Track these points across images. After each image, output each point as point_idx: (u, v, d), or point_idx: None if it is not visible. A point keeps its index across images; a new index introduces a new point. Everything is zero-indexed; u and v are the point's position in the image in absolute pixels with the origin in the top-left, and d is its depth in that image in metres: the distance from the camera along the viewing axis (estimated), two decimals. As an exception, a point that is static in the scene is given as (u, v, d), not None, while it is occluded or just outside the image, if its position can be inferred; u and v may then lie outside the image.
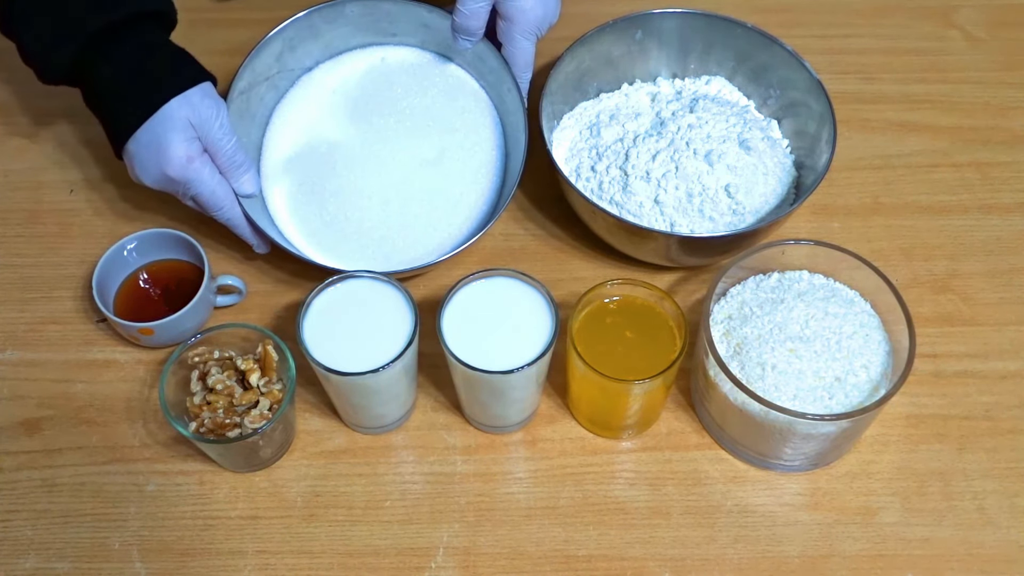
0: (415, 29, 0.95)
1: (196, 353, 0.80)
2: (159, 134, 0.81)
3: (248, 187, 0.85)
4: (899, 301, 0.78)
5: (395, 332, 0.76)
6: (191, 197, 0.84)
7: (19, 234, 0.94)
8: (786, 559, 0.77)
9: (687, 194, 0.86)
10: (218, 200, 0.84)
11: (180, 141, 0.81)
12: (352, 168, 0.91)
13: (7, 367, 0.87)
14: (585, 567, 0.77)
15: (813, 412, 0.75)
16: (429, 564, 0.77)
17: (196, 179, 0.82)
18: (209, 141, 0.83)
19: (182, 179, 0.82)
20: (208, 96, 0.83)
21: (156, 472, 0.81)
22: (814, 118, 0.90)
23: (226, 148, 0.84)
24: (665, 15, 0.95)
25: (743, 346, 0.79)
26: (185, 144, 0.81)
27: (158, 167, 0.82)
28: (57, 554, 0.78)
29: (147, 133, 0.81)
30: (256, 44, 0.91)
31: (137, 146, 0.82)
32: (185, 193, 0.84)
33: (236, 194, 0.86)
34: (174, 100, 0.81)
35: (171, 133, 0.81)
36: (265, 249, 0.89)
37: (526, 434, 0.83)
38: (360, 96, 0.94)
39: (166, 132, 0.81)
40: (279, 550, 0.78)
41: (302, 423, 0.84)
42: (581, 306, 0.78)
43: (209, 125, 0.82)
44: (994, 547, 0.77)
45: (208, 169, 0.83)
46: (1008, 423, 0.83)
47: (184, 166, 0.82)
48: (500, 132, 0.94)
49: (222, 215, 0.85)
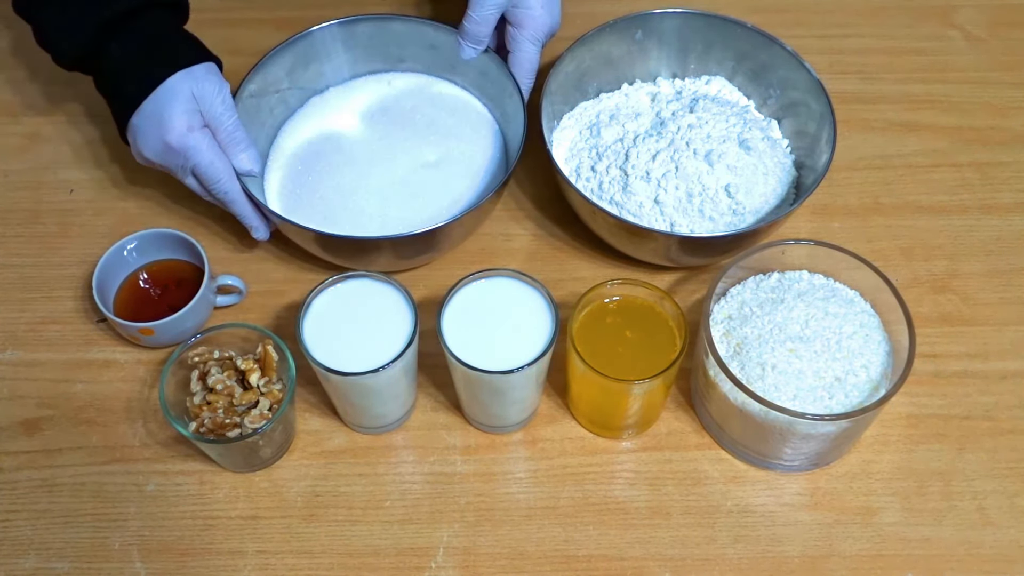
0: (422, 52, 0.97)
1: (196, 353, 0.80)
2: (161, 105, 0.83)
3: (246, 164, 0.86)
4: (899, 301, 0.78)
5: (395, 332, 0.76)
6: (191, 170, 0.85)
7: (19, 234, 0.94)
8: (786, 559, 0.77)
9: (687, 194, 0.86)
10: (216, 172, 0.85)
11: (181, 112, 0.83)
12: (353, 167, 0.92)
13: (7, 367, 0.87)
14: (585, 567, 0.77)
15: (813, 412, 0.75)
16: (429, 564, 0.77)
17: (195, 148, 0.83)
18: (211, 116, 0.84)
19: (181, 148, 0.83)
20: (212, 73, 0.85)
21: (156, 472, 0.81)
22: (814, 118, 0.90)
23: (227, 124, 0.85)
24: (665, 15, 0.95)
25: (743, 346, 0.79)
26: (186, 115, 0.83)
27: (159, 137, 0.83)
28: (57, 554, 0.78)
29: (151, 104, 0.83)
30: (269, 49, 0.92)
31: (140, 119, 0.84)
32: (184, 166, 0.85)
33: (237, 174, 0.86)
34: (178, 74, 0.83)
35: (173, 104, 0.83)
36: (264, 234, 0.89)
37: (526, 434, 0.83)
38: (367, 111, 0.97)
39: (169, 103, 0.83)
40: (279, 550, 0.78)
41: (302, 423, 0.84)
42: (581, 306, 0.78)
43: (211, 100, 0.84)
44: (994, 547, 0.77)
45: (208, 141, 0.84)
46: (1008, 423, 0.83)
47: (184, 134, 0.83)
48: (500, 141, 0.96)
49: (220, 187, 0.85)
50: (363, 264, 0.85)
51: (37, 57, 1.06)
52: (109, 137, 1.00)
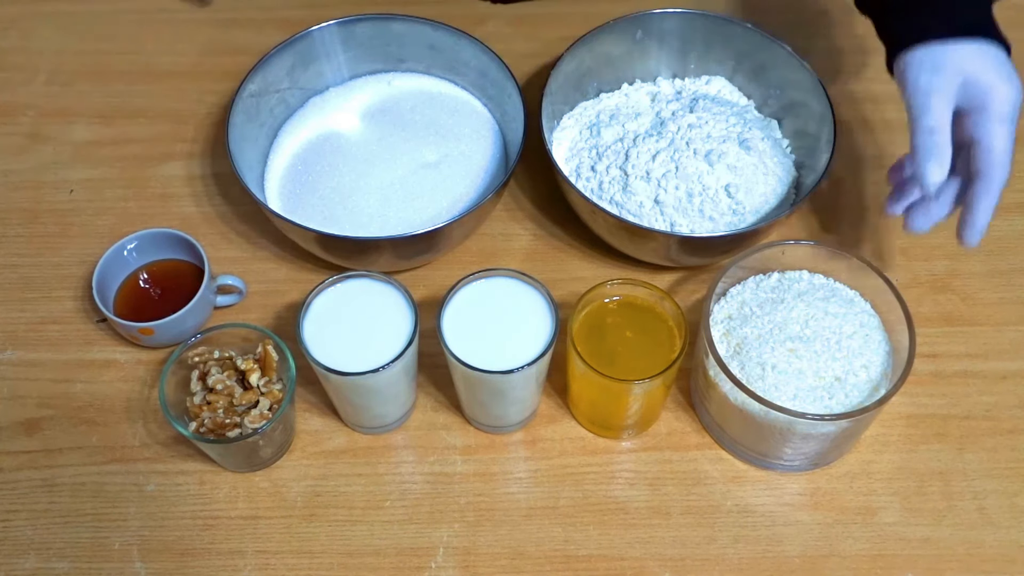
0: (422, 52, 0.98)
1: (196, 353, 0.80)
2: None
3: None
4: (899, 301, 0.78)
5: (395, 332, 0.76)
6: None
7: (19, 234, 0.94)
8: (786, 559, 0.77)
9: (687, 194, 0.86)
10: None
11: None
12: (353, 167, 0.92)
13: (7, 367, 0.87)
14: (585, 567, 0.77)
15: (813, 412, 0.75)
16: (429, 564, 0.77)
17: None
18: None
19: None
20: None
21: (156, 472, 0.81)
22: (814, 118, 0.90)
23: None
24: (665, 15, 0.95)
25: (743, 346, 0.79)
26: None
27: None
28: (57, 554, 0.78)
29: None
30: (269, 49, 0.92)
31: None
32: None
33: None
34: None
35: None
36: None
37: (526, 434, 0.83)
38: (367, 111, 0.97)
39: None
40: (279, 550, 0.78)
41: (302, 423, 0.84)
42: (581, 306, 0.78)
43: None
44: (994, 547, 0.77)
45: None
46: (1008, 423, 0.83)
47: None
48: (500, 141, 0.96)
49: None
50: (363, 264, 0.85)
51: (37, 57, 1.07)
52: (109, 137, 1.01)
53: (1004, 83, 0.74)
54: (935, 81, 0.75)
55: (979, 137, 0.75)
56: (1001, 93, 0.74)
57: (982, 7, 0.78)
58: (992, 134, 0.74)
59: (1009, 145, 0.75)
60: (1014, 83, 0.75)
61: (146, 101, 1.03)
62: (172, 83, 1.05)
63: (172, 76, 1.05)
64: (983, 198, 0.76)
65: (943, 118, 0.75)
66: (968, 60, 0.75)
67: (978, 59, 0.75)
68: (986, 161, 0.75)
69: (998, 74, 0.75)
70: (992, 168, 0.75)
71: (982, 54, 0.75)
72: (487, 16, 1.09)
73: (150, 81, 1.05)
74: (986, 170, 0.75)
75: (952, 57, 0.75)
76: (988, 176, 0.75)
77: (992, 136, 0.74)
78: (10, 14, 1.10)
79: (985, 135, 0.74)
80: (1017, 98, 0.75)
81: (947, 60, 0.75)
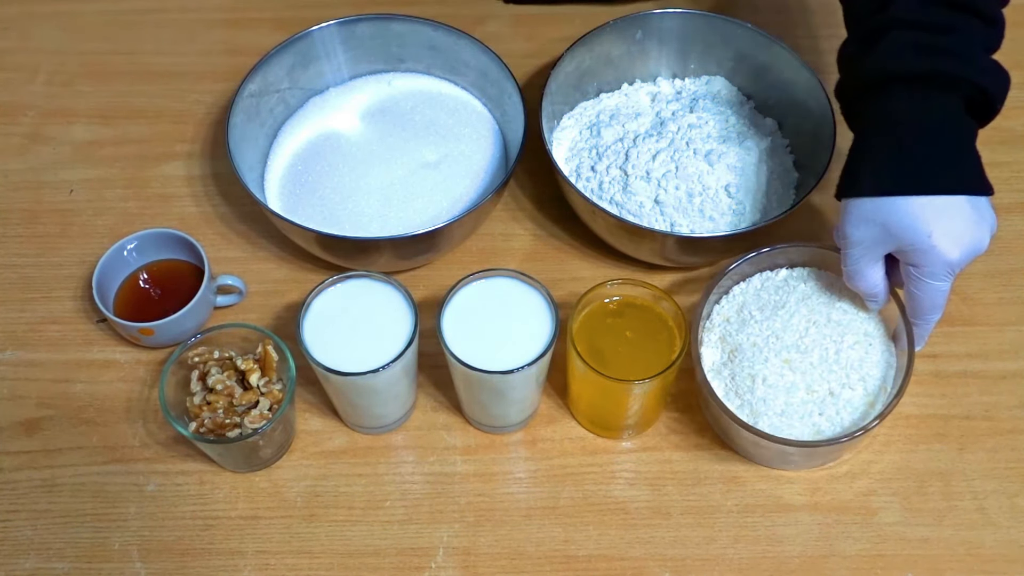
0: (423, 52, 0.97)
1: (196, 353, 0.80)
2: None
3: None
4: (899, 301, 0.78)
5: (395, 332, 0.76)
6: None
7: (19, 234, 0.94)
8: (786, 559, 0.77)
9: (687, 194, 0.86)
10: None
11: None
12: (353, 167, 0.92)
13: (7, 367, 0.87)
14: (585, 567, 0.77)
15: (800, 429, 0.75)
16: (429, 564, 0.77)
17: None
18: None
19: None
20: None
21: (156, 472, 0.81)
22: (814, 118, 0.90)
23: None
24: (665, 15, 0.95)
25: (736, 354, 0.78)
26: None
27: None
28: (57, 554, 0.78)
29: None
30: (269, 49, 0.92)
31: None
32: None
33: None
34: None
35: None
36: None
37: (526, 434, 0.83)
38: (367, 112, 0.97)
39: None
40: (279, 550, 0.78)
41: (302, 423, 0.84)
42: (581, 306, 0.78)
43: None
44: (994, 547, 0.77)
45: None
46: (1008, 423, 0.83)
47: None
48: (500, 141, 0.96)
49: None
50: (363, 264, 0.85)
51: (37, 57, 1.07)
52: (109, 137, 1.01)
53: (947, 245, 0.70)
54: (865, 235, 0.73)
55: (912, 289, 0.74)
56: (937, 257, 0.70)
57: (955, 157, 0.72)
58: (923, 289, 0.73)
59: (942, 298, 0.73)
60: (962, 243, 0.71)
61: (146, 101, 1.03)
62: (172, 83, 1.04)
63: (172, 76, 1.05)
64: (921, 329, 0.77)
65: (872, 273, 0.75)
66: (909, 217, 0.70)
67: (921, 216, 0.70)
68: (919, 309, 0.74)
69: (944, 233, 0.70)
70: (925, 314, 0.75)
71: (934, 210, 0.70)
72: (487, 16, 1.09)
73: (150, 81, 1.05)
74: (920, 315, 0.75)
75: (890, 213, 0.71)
76: (923, 319, 0.75)
77: (923, 291, 0.73)
78: (10, 14, 1.10)
79: (917, 289, 0.73)
80: (960, 259, 0.71)
81: (880, 216, 0.71)
